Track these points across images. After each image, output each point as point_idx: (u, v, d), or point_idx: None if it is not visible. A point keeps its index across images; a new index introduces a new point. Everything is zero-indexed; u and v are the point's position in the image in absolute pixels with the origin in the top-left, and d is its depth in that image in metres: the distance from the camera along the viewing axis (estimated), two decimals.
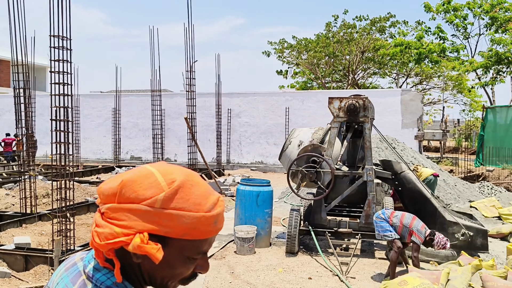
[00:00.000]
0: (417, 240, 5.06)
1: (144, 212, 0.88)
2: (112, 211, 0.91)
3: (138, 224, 0.88)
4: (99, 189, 0.95)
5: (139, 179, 0.91)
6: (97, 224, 0.92)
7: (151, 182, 0.91)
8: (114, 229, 0.89)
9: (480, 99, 27.53)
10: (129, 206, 0.89)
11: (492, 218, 8.92)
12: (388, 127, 16.05)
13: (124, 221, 0.89)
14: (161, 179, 0.91)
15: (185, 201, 0.90)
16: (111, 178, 0.98)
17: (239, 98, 19.88)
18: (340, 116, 6.68)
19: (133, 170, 0.96)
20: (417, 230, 5.08)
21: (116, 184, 0.92)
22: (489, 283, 4.23)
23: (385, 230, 5.24)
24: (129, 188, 0.90)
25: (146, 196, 0.89)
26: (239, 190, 7.14)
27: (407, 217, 5.24)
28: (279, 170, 18.22)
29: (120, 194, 0.90)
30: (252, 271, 5.71)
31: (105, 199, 0.93)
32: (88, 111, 21.47)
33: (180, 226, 0.89)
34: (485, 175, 14.93)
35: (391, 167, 7.15)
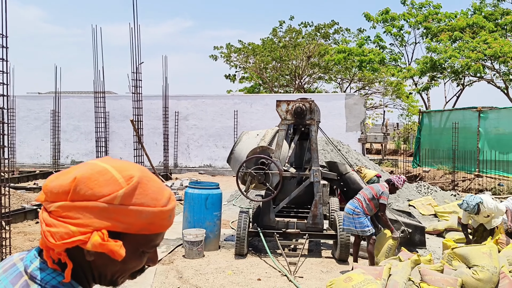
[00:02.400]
0: (384, 201, 5.72)
1: (102, 209, 0.86)
2: (64, 210, 0.87)
3: (95, 222, 0.86)
4: (46, 186, 0.91)
5: (93, 176, 0.89)
6: (47, 224, 0.88)
7: (107, 179, 0.89)
8: (69, 228, 0.86)
9: (417, 104, 29.18)
10: (84, 203, 0.87)
11: (429, 215, 9.47)
12: (333, 130, 16.58)
13: (79, 219, 0.86)
14: (118, 175, 0.90)
15: (144, 197, 0.90)
16: (57, 174, 0.93)
17: (187, 100, 19.66)
18: (288, 119, 6.81)
19: (84, 166, 0.93)
20: (382, 193, 5.73)
21: (68, 181, 0.88)
22: (427, 276, 4.49)
23: (364, 226, 5.67)
24: (84, 185, 0.88)
25: (103, 193, 0.87)
26: (187, 193, 7.05)
27: (367, 193, 5.86)
28: (228, 174, 18.20)
29: (74, 192, 0.87)
30: (201, 275, 5.66)
31: (53, 197, 0.89)
32: (25, 113, 20.27)
33: (138, 221, 0.89)
34: (422, 176, 15.83)
35: (337, 168, 7.39)
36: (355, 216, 5.75)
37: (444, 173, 15.43)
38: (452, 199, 10.56)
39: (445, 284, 4.35)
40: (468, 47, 18.74)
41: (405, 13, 23.76)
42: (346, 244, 6.19)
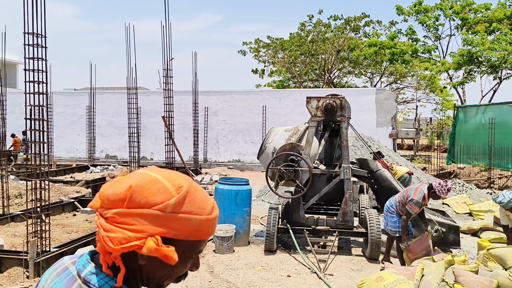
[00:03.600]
0: (410, 210, 5.44)
1: (155, 217, 0.92)
2: (121, 216, 0.93)
3: (149, 228, 0.92)
4: (102, 194, 0.97)
5: (146, 185, 0.95)
6: (105, 229, 0.93)
7: (159, 188, 0.94)
8: (127, 233, 0.91)
9: (452, 98, 28.34)
10: (140, 211, 0.92)
11: (463, 214, 9.22)
12: (363, 125, 16.35)
13: (135, 225, 0.92)
14: (168, 185, 0.95)
15: (192, 205, 0.95)
16: (111, 182, 0.99)
17: (216, 96, 19.83)
18: (318, 116, 6.77)
19: (136, 175, 0.98)
20: (410, 200, 5.41)
21: (124, 190, 0.94)
22: (461, 277, 4.39)
23: (394, 226, 5.60)
24: (139, 194, 0.93)
25: (156, 201, 0.93)
26: (217, 189, 7.14)
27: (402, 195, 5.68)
28: (256, 169, 18.28)
29: (130, 200, 0.93)
30: (232, 270, 5.74)
31: (110, 204, 0.95)
32: (62, 109, 20.98)
33: (187, 228, 0.94)
34: (457, 173, 15.40)
35: (367, 165, 7.30)
36: (388, 214, 5.73)
37: (479, 170, 14.96)
38: (488, 197, 10.23)
39: (480, 285, 4.24)
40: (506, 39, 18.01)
41: (441, 3, 23.04)
42: (377, 242, 6.13)
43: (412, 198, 5.42)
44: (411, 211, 5.46)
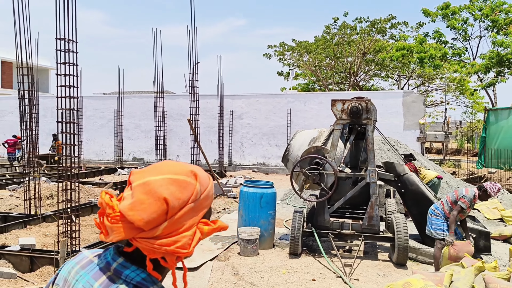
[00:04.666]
0: (462, 204, 5.41)
1: (194, 208, 1.02)
2: (169, 227, 0.99)
3: (196, 218, 1.03)
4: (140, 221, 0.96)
5: (172, 188, 1.00)
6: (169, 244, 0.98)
7: (182, 184, 1.02)
8: (187, 235, 1.00)
9: (482, 101, 27.54)
10: (182, 212, 1.00)
11: (495, 220, 8.94)
12: (390, 128, 16.09)
13: (186, 224, 1.01)
14: (184, 177, 1.03)
15: (204, 181, 1.07)
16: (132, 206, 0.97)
17: (241, 99, 19.93)
18: (343, 118, 6.71)
19: (155, 185, 0.99)
20: (463, 196, 5.45)
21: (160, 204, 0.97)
22: (492, 284, 4.25)
23: (438, 228, 5.54)
24: (174, 199, 0.99)
25: (188, 195, 1.02)
26: (242, 191, 7.17)
27: (450, 195, 5.68)
28: (281, 172, 18.25)
29: (171, 209, 0.98)
30: (256, 272, 5.74)
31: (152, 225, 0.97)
32: (91, 113, 21.55)
33: (209, 201, 1.07)
34: (488, 177, 14.94)
35: (394, 169, 7.18)
36: (433, 217, 5.62)
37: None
38: None
39: None
40: None
41: (469, 5, 22.48)
42: (405, 247, 6.01)
43: (464, 194, 5.47)
44: (464, 205, 5.42)
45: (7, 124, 22.05)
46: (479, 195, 5.48)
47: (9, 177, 14.57)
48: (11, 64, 33.81)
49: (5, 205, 9.76)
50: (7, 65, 34.77)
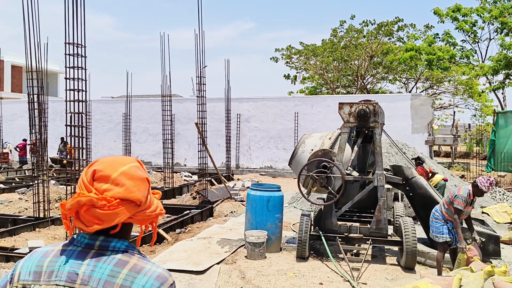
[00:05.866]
0: (457, 206, 5.34)
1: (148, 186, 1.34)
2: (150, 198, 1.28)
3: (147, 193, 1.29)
4: (141, 198, 1.23)
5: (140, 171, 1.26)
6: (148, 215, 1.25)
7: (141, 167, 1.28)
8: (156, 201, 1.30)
9: (491, 104, 27.31)
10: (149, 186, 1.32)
11: (504, 224, 8.84)
12: (398, 132, 16.01)
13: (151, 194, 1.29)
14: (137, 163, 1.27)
15: None
16: (127, 189, 1.20)
17: (249, 103, 19.96)
18: (350, 122, 6.69)
19: (132, 171, 1.23)
20: (455, 196, 5.38)
21: (145, 184, 1.26)
22: None
23: (438, 231, 5.50)
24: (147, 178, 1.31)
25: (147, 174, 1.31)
26: (249, 195, 7.17)
27: (446, 196, 5.66)
28: (288, 175, 18.23)
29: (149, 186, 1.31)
30: (263, 276, 5.73)
31: (145, 199, 1.25)
32: (99, 116, 21.71)
33: None
34: (497, 181, 14.79)
35: (402, 172, 7.14)
36: (433, 220, 5.59)
37: None
38: None
39: None
40: None
41: (478, 8, 22.34)
42: (413, 251, 5.96)
43: (457, 194, 5.39)
44: (459, 206, 5.34)
45: (17, 128, 22.30)
46: (473, 191, 5.39)
47: (18, 180, 14.70)
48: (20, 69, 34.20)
49: (14, 208, 9.85)
50: (17, 70, 35.19)
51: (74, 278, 1.12)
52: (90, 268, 1.13)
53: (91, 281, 1.12)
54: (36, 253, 1.20)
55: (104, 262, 1.14)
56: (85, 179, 1.18)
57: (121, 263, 1.15)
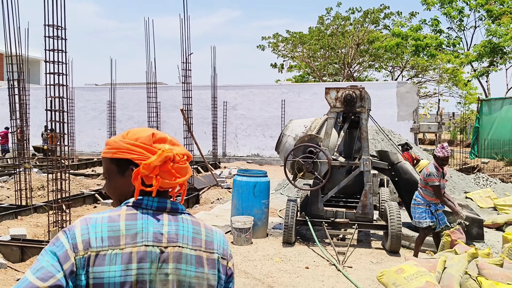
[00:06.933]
0: (433, 183, 5.36)
1: None
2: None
3: None
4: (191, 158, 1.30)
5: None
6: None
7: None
8: None
9: (475, 92, 27.62)
10: None
11: (488, 208, 8.97)
12: (384, 119, 16.08)
13: None
14: None
15: None
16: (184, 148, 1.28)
17: (235, 90, 19.82)
18: (337, 107, 6.67)
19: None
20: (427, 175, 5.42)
21: None
22: (485, 270, 4.25)
23: (421, 217, 5.51)
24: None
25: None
26: (236, 181, 7.12)
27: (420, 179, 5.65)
28: (275, 163, 18.23)
29: None
30: (249, 261, 5.72)
31: None
32: (83, 104, 21.34)
33: None
34: (480, 167, 15.01)
35: (388, 157, 7.16)
36: (415, 206, 5.59)
37: (505, 164, 14.54)
38: None
39: (505, 278, 4.10)
40: None
41: None
42: (398, 235, 6.01)
43: (427, 173, 5.43)
44: (435, 183, 5.36)
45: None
46: (437, 163, 5.47)
47: (0, 168, 14.42)
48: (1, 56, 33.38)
49: None
50: None
51: (160, 238, 1.14)
52: (174, 227, 1.18)
53: (180, 238, 1.17)
54: (93, 220, 1.13)
55: (183, 221, 1.21)
56: (142, 144, 1.20)
57: (195, 222, 1.23)
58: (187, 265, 1.15)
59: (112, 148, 1.22)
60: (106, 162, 1.24)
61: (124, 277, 1.07)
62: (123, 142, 1.20)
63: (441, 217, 5.58)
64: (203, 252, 1.19)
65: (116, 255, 1.08)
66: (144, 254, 1.10)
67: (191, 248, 1.17)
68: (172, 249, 1.14)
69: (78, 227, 1.11)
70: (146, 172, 1.15)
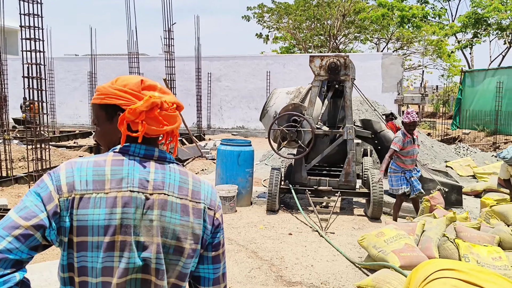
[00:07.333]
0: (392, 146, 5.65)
1: None
2: None
3: None
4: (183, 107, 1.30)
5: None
6: None
7: None
8: None
9: (459, 64, 27.80)
10: None
11: (467, 177, 9.18)
12: (369, 90, 16.07)
13: None
14: None
15: None
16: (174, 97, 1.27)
17: (220, 61, 19.54)
18: (321, 75, 6.63)
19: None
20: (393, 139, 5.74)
21: None
22: (463, 233, 4.38)
23: (396, 184, 5.69)
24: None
25: None
26: (219, 150, 7.11)
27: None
28: (260, 135, 18.23)
29: None
30: (233, 228, 5.77)
31: None
32: (63, 75, 20.82)
33: None
34: (461, 138, 15.28)
35: (371, 126, 7.21)
36: (391, 174, 5.71)
37: (485, 135, 14.82)
38: (493, 160, 10.16)
39: (482, 241, 4.23)
40: None
41: None
42: (379, 202, 6.12)
43: (393, 138, 5.74)
44: (394, 147, 5.60)
45: None
46: (405, 129, 5.65)
47: None
48: None
49: None
50: None
51: (146, 185, 1.14)
52: (160, 175, 1.17)
53: (166, 186, 1.17)
54: (79, 163, 1.14)
55: (169, 170, 1.20)
56: (130, 90, 1.18)
57: (183, 172, 1.23)
58: (172, 213, 1.15)
59: (101, 94, 1.21)
60: (95, 108, 1.24)
61: (108, 220, 1.08)
62: (112, 88, 1.20)
63: (415, 183, 5.69)
64: (189, 201, 1.19)
65: (100, 199, 1.09)
66: (129, 199, 1.11)
67: (176, 196, 1.17)
68: (157, 196, 1.15)
69: (63, 169, 1.13)
70: (131, 117, 1.14)
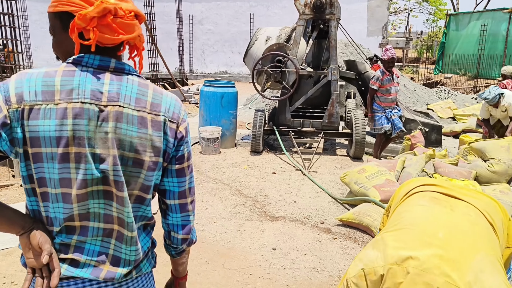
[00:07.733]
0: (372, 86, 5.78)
1: None
2: None
3: None
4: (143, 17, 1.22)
5: None
6: None
7: None
8: None
9: (445, 8, 27.43)
10: None
11: (447, 118, 9.35)
12: (354, 34, 15.75)
13: None
14: None
15: None
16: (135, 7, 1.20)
17: (201, 3, 18.83)
18: (306, 13, 6.46)
19: None
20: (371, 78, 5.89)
21: None
22: (441, 169, 4.52)
23: (378, 124, 5.81)
24: None
25: None
26: (203, 91, 7.02)
27: None
28: (244, 80, 18.02)
29: None
30: (218, 169, 5.84)
31: None
32: (37, 17, 19.81)
33: None
34: (443, 82, 15.40)
35: (356, 67, 7.17)
36: (374, 115, 5.77)
37: (467, 79, 14.96)
38: (473, 102, 10.33)
39: (459, 176, 4.39)
40: None
41: None
42: (362, 142, 6.22)
43: (372, 76, 5.84)
44: (373, 86, 5.73)
45: None
46: (384, 67, 5.71)
47: None
48: None
49: None
50: None
51: (99, 96, 1.11)
52: (115, 87, 1.13)
53: (121, 98, 1.13)
54: (29, 74, 1.09)
55: (127, 82, 1.16)
56: None
57: (143, 84, 1.18)
58: (128, 125, 1.13)
59: (54, 1, 1.15)
60: (50, 17, 1.19)
61: (60, 131, 1.07)
62: None
63: (396, 122, 5.79)
64: (147, 113, 1.15)
65: (50, 110, 1.07)
66: (80, 111, 1.08)
67: (133, 108, 1.14)
68: (112, 108, 1.11)
69: (12, 81, 1.09)
70: (82, 23, 1.08)
